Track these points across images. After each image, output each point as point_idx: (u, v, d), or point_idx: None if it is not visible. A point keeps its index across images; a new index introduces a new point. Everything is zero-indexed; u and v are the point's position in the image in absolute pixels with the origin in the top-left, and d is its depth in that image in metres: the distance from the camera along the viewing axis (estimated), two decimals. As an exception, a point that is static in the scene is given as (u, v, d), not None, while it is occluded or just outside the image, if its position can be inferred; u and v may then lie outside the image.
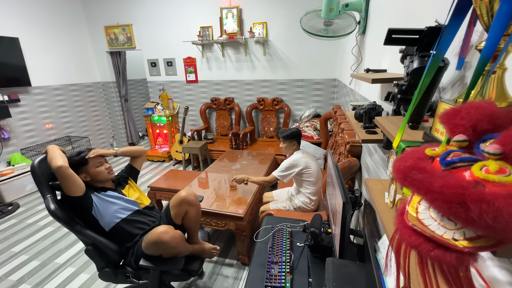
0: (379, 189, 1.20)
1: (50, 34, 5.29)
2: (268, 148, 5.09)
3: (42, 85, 5.19)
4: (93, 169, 2.01)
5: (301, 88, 5.26)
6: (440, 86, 1.16)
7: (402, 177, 0.49)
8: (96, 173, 2.02)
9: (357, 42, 2.96)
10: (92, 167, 2.00)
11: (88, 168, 1.99)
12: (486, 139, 0.47)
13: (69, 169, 1.74)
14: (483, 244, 0.41)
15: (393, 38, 1.04)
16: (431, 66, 0.80)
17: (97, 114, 6.39)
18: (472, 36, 0.88)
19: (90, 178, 2.02)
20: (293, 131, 2.90)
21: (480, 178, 0.40)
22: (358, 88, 2.88)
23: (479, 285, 0.44)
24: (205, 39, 5.23)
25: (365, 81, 1.67)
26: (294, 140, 2.89)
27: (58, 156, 1.75)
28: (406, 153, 0.55)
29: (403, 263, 0.52)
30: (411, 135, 0.95)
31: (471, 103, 0.53)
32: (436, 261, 0.44)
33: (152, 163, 5.81)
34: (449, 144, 0.53)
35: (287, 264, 1.62)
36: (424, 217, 0.48)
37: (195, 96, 5.92)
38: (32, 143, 5.07)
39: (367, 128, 1.65)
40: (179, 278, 2.07)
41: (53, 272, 2.77)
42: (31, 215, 3.89)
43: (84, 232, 1.83)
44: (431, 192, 0.43)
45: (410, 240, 0.48)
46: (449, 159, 0.47)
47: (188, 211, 2.05)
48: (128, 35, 5.80)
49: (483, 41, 0.69)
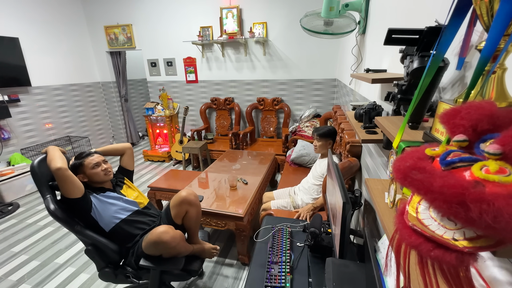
0: (379, 189, 1.20)
1: (50, 34, 5.29)
2: (268, 148, 5.09)
3: (42, 85, 5.19)
4: (89, 170, 1.99)
5: (301, 88, 5.26)
6: (440, 86, 1.16)
7: (402, 177, 0.49)
8: (92, 174, 2.00)
9: (357, 42, 2.96)
10: (88, 168, 1.99)
11: (84, 169, 1.99)
12: (486, 139, 0.47)
13: (68, 171, 1.74)
14: (483, 244, 0.41)
15: (393, 38, 1.04)
16: (431, 66, 0.80)
17: (97, 114, 6.39)
18: (472, 36, 0.88)
19: (88, 179, 2.01)
20: (330, 129, 2.80)
21: (480, 178, 0.40)
22: (358, 88, 2.88)
23: (479, 285, 0.44)
24: (205, 39, 5.23)
25: (365, 81, 1.67)
26: (330, 139, 2.79)
27: (57, 158, 1.74)
28: (406, 153, 0.55)
29: (403, 263, 0.52)
30: (411, 135, 0.95)
31: (471, 103, 0.53)
32: (436, 261, 0.44)
33: (152, 163, 5.81)
34: (449, 144, 0.53)
35: (287, 264, 1.62)
36: (424, 217, 0.48)
37: (195, 96, 5.92)
38: (32, 143, 5.07)
39: (367, 128, 1.65)
40: (179, 278, 2.07)
41: (53, 272, 2.77)
42: (31, 215, 3.89)
43: (84, 232, 1.83)
44: (431, 192, 0.43)
45: (410, 240, 0.48)
46: (449, 159, 0.47)
47: (188, 211, 2.05)
48: (128, 35, 5.80)
49: (483, 41, 0.69)
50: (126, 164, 2.35)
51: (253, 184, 3.27)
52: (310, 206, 2.57)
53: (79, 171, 1.98)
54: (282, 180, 3.62)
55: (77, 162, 1.98)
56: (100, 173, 2.03)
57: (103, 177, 2.05)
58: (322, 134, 2.76)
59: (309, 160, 3.91)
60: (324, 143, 2.77)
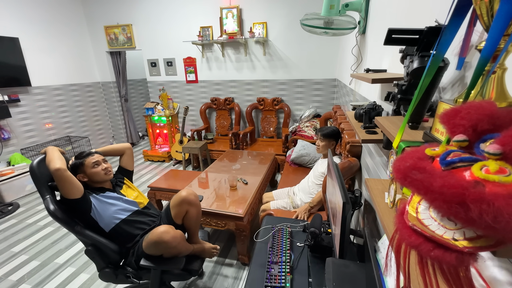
0: (379, 189, 1.20)
1: (50, 34, 5.29)
2: (268, 148, 5.09)
3: (42, 85, 5.19)
4: (90, 169, 1.99)
5: (301, 88, 5.26)
6: (440, 86, 1.16)
7: (402, 177, 0.50)
8: (92, 174, 2.00)
9: (357, 42, 2.96)
10: (88, 167, 1.99)
11: (84, 169, 1.99)
12: (486, 139, 0.48)
13: (67, 172, 1.73)
14: (483, 244, 0.41)
15: (393, 38, 1.04)
16: (431, 66, 0.80)
17: (97, 114, 6.39)
18: (472, 36, 0.88)
19: (88, 178, 2.01)
20: (334, 129, 2.78)
21: (480, 178, 0.40)
22: (358, 88, 2.88)
23: (479, 285, 0.44)
24: (205, 39, 5.23)
25: (365, 81, 1.67)
26: (333, 140, 2.78)
27: (56, 158, 1.74)
28: (406, 153, 0.55)
29: (403, 263, 0.52)
30: (411, 135, 0.95)
31: (471, 103, 0.53)
32: (436, 261, 0.44)
33: (152, 163, 5.81)
34: (449, 144, 0.54)
35: (287, 264, 1.62)
36: (424, 217, 0.48)
37: (195, 96, 5.92)
38: (32, 143, 5.07)
39: (367, 128, 1.65)
40: (180, 278, 2.07)
41: (53, 272, 2.77)
42: (31, 215, 3.89)
43: (84, 232, 1.83)
44: (431, 192, 0.43)
45: (410, 240, 0.48)
46: (449, 159, 0.47)
47: (188, 210, 2.06)
48: (128, 35, 5.80)
49: (483, 41, 0.69)
50: (125, 164, 2.35)
51: (253, 184, 3.27)
52: (307, 206, 2.56)
53: (79, 171, 1.98)
54: (282, 180, 3.62)
55: (78, 162, 1.98)
56: (100, 173, 2.02)
57: (104, 177, 2.05)
58: (326, 134, 2.75)
59: (309, 160, 3.91)
60: (327, 144, 2.76)
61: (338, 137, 2.80)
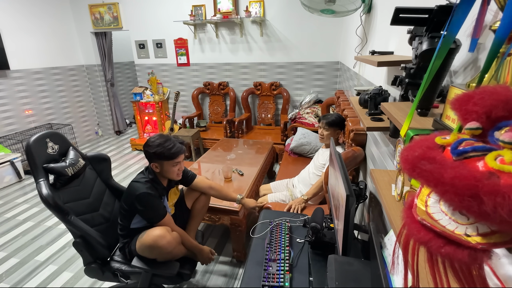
0: (385, 181, 1.20)
1: (31, 13, 5.22)
2: (266, 137, 5.09)
3: (22, 68, 5.15)
4: (169, 166, 1.98)
5: (301, 71, 5.24)
6: (451, 69, 1.16)
7: (410, 168, 0.49)
8: (168, 171, 2.00)
9: (362, 22, 2.94)
10: (170, 164, 1.98)
11: (165, 163, 1.97)
12: (501, 126, 0.47)
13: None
14: (498, 240, 0.40)
15: (401, 17, 1.03)
16: (442, 48, 0.79)
17: (81, 100, 6.36)
18: (486, 15, 0.88)
19: (159, 170, 2.01)
20: (340, 116, 2.74)
21: (495, 169, 0.40)
22: (363, 71, 2.87)
23: (493, 284, 0.44)
24: (197, 18, 5.17)
25: (371, 64, 1.67)
26: (338, 129, 2.73)
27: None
28: (414, 142, 0.55)
29: (411, 260, 0.52)
30: (420, 123, 0.94)
31: (484, 87, 0.52)
32: (447, 258, 0.44)
33: (140, 153, 5.78)
34: (461, 132, 0.53)
35: (286, 262, 1.62)
36: (434, 211, 0.48)
37: (187, 80, 5.89)
38: (10, 131, 5.05)
39: (372, 115, 1.64)
40: (171, 282, 2.10)
41: (34, 271, 2.78)
42: (10, 209, 3.88)
43: (75, 223, 1.81)
44: (441, 184, 0.42)
45: (419, 235, 0.48)
46: (461, 149, 0.47)
47: (200, 196, 2.35)
48: (115, 15, 5.73)
49: (497, 20, 0.68)
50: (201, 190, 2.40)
51: (249, 175, 3.27)
52: (301, 198, 2.52)
53: (157, 160, 1.97)
54: (281, 171, 3.63)
55: (166, 153, 1.94)
56: (174, 173, 2.04)
57: (175, 177, 2.07)
58: (331, 123, 2.70)
59: (310, 150, 3.91)
60: (332, 133, 2.71)
61: (343, 126, 2.75)
